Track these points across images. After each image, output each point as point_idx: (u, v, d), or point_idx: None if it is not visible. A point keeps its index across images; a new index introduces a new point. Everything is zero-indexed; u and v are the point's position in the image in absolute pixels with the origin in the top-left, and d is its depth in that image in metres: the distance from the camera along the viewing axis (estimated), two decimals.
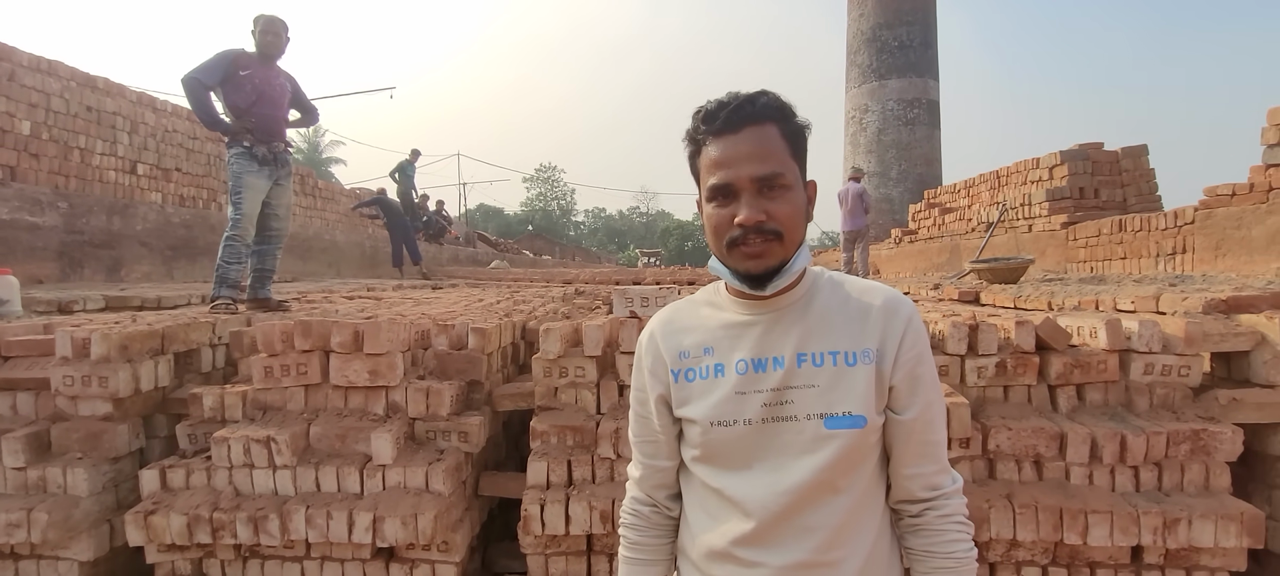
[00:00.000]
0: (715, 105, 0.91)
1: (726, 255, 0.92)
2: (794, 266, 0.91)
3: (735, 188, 0.89)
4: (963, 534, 0.96)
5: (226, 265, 3.61)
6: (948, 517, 0.96)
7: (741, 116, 0.89)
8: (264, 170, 3.76)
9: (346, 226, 11.99)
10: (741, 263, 0.90)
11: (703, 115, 0.92)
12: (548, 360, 2.50)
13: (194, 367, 2.89)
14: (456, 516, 2.32)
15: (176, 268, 7.01)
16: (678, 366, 0.99)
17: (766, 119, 0.90)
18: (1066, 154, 7.96)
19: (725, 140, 0.90)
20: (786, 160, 0.90)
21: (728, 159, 0.89)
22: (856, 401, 0.91)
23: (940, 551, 0.95)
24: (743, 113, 0.89)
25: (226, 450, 2.27)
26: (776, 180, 0.88)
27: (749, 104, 0.90)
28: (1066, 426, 2.23)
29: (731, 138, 0.89)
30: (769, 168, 0.88)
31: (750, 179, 0.88)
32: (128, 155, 7.16)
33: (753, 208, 0.87)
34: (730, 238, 0.90)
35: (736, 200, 0.89)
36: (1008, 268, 5.14)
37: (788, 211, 0.89)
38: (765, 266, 0.89)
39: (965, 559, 0.95)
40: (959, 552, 0.95)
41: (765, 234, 0.88)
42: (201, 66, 3.64)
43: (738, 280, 0.93)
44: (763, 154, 0.88)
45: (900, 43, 17.94)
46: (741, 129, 0.89)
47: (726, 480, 0.95)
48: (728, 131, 0.90)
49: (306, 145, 36.14)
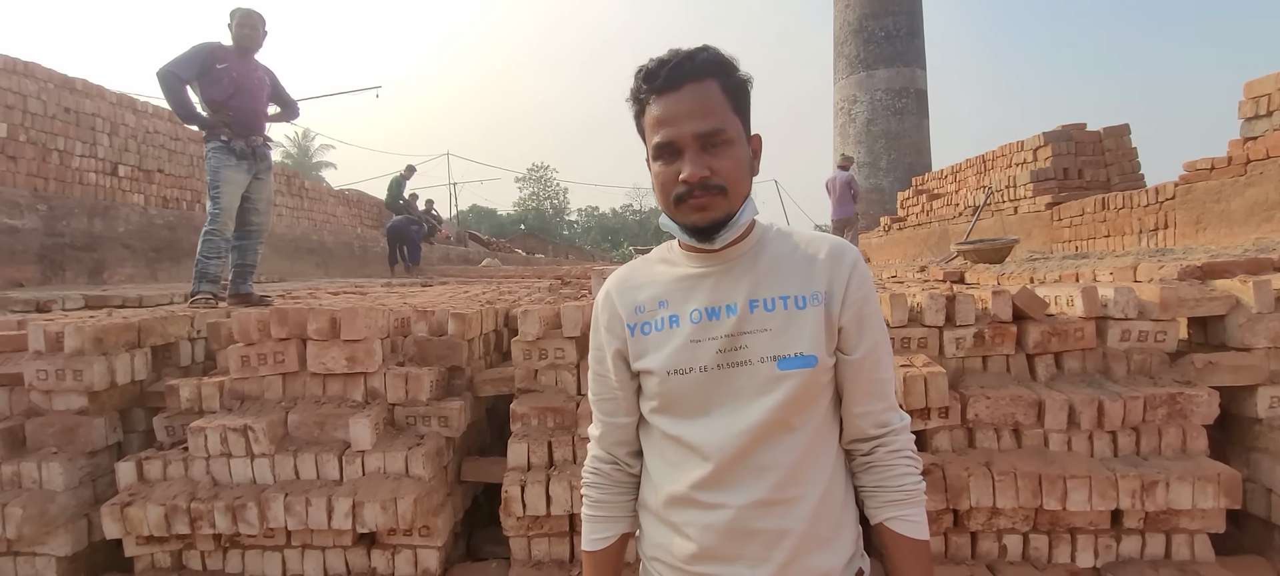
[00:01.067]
0: (655, 63, 0.92)
1: (674, 210, 0.94)
2: (741, 219, 0.94)
3: (678, 144, 0.90)
4: (911, 467, 0.99)
5: (206, 260, 3.59)
6: (897, 453, 0.99)
7: (681, 73, 0.90)
8: (242, 164, 3.73)
9: (335, 227, 11.92)
10: (688, 216, 0.92)
11: (644, 74, 0.93)
12: (527, 342, 2.49)
13: (172, 362, 2.87)
14: (438, 501, 2.31)
15: (160, 269, 6.95)
16: (634, 321, 1.01)
17: (706, 75, 0.91)
18: (1050, 135, 8.00)
19: (667, 98, 0.91)
20: (727, 115, 0.91)
21: (670, 116, 0.90)
22: (807, 342, 0.93)
23: (891, 484, 0.99)
24: (682, 70, 0.90)
25: (203, 440, 2.25)
26: (718, 136, 0.90)
27: (688, 60, 0.91)
28: (1044, 394, 2.24)
29: (673, 95, 0.91)
30: (710, 123, 0.90)
31: (692, 136, 0.89)
32: (108, 157, 7.10)
33: (696, 164, 0.89)
34: (676, 194, 0.92)
35: (680, 157, 0.91)
36: (993, 248, 5.17)
37: (730, 166, 0.91)
38: (711, 219, 0.91)
39: (914, 491, 0.98)
40: (908, 485, 0.98)
41: (710, 189, 0.90)
42: (176, 60, 3.61)
43: (686, 234, 0.95)
44: (703, 110, 0.90)
45: (887, 33, 17.98)
46: (682, 86, 0.90)
47: (684, 427, 0.96)
48: (669, 89, 0.91)
49: (296, 150, 35.94)
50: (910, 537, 0.97)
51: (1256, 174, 4.88)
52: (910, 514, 0.98)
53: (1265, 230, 4.63)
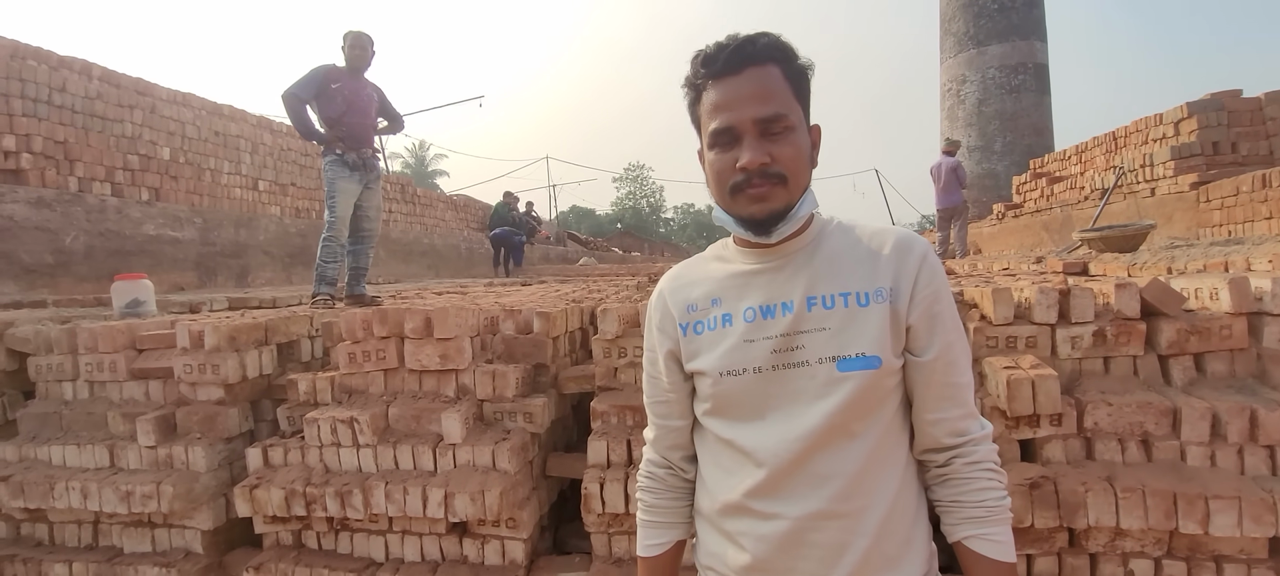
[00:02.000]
0: (714, 48, 0.88)
1: (730, 202, 0.89)
2: (799, 211, 0.88)
3: (737, 130, 0.86)
4: (994, 481, 0.90)
5: (324, 264, 3.93)
6: (976, 464, 0.90)
7: (742, 57, 0.86)
8: (355, 175, 4.05)
9: (444, 231, 12.70)
10: (745, 207, 0.88)
11: (702, 58, 0.89)
12: (606, 341, 2.52)
13: (295, 357, 3.16)
14: (523, 494, 2.40)
15: (294, 273, 7.71)
16: (686, 320, 0.98)
17: (768, 59, 0.87)
18: (1195, 105, 7.01)
19: (726, 83, 0.87)
20: (790, 101, 0.87)
21: (729, 101, 0.86)
22: (870, 342, 0.86)
23: (970, 500, 0.90)
24: (743, 53, 0.86)
25: (317, 430, 2.46)
26: (779, 122, 0.85)
27: (749, 44, 0.87)
28: (1181, 401, 1.97)
29: (732, 79, 0.87)
30: (772, 109, 0.85)
31: (753, 121, 0.85)
32: (250, 173, 7.97)
33: (755, 150, 0.85)
34: (733, 183, 0.87)
35: (739, 144, 0.86)
36: (1124, 235, 4.61)
37: (791, 154, 0.86)
38: (769, 210, 0.87)
39: (997, 507, 0.89)
40: (990, 500, 0.89)
41: (769, 177, 0.85)
42: (298, 83, 3.97)
43: (742, 227, 0.90)
44: (765, 94, 0.85)
45: (1000, 5, 16.57)
46: (743, 70, 0.86)
47: (738, 431, 0.92)
48: (728, 73, 0.87)
49: (414, 160, 38.60)
50: (993, 559, 0.88)
51: None
52: (993, 532, 0.89)
53: None
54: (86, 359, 2.82)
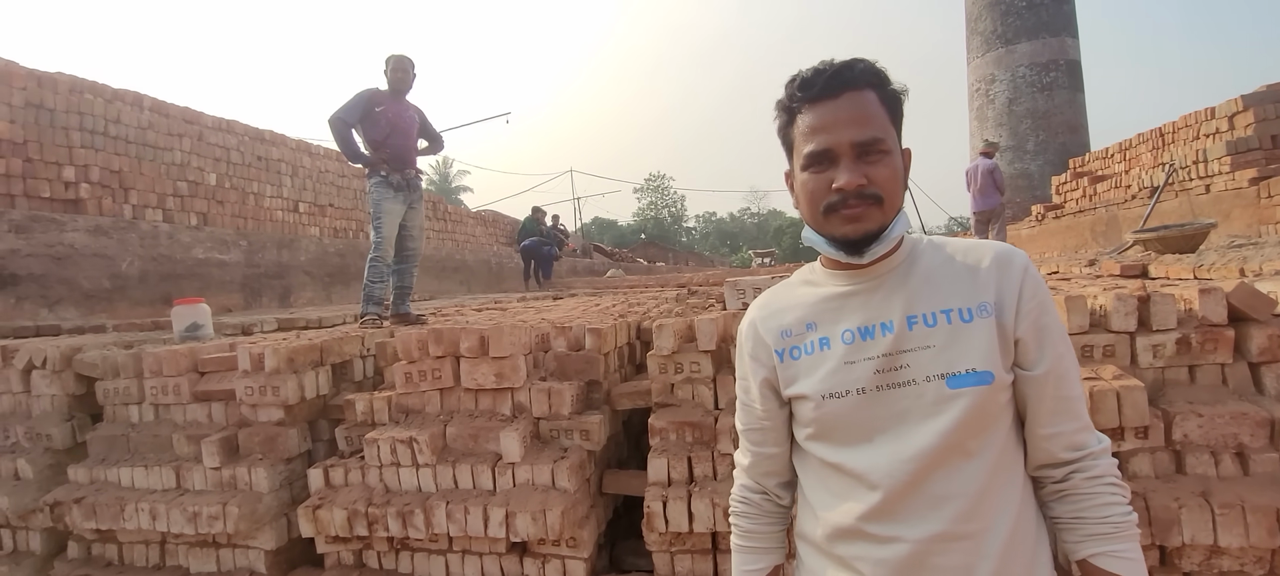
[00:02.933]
0: (811, 72, 0.91)
1: (823, 222, 0.91)
2: (893, 232, 0.89)
3: (835, 152, 0.88)
4: (1117, 495, 0.88)
5: (371, 284, 3.98)
6: (1098, 479, 0.88)
7: (840, 82, 0.88)
8: (399, 195, 4.11)
9: (474, 246, 12.85)
10: (840, 227, 0.89)
11: (799, 82, 0.91)
12: (662, 356, 2.50)
13: (348, 377, 3.20)
14: (582, 513, 2.38)
15: (334, 291, 7.86)
16: (781, 346, 0.98)
17: (864, 84, 0.89)
18: (1250, 98, 6.76)
19: (823, 106, 0.89)
20: (886, 125, 0.89)
21: (826, 124, 0.88)
22: (979, 357, 0.86)
23: (1094, 515, 0.87)
24: (841, 78, 0.88)
25: (376, 450, 2.48)
26: (877, 145, 0.87)
27: (847, 69, 0.89)
28: (1278, 411, 1.87)
29: (830, 103, 0.89)
30: (869, 132, 0.87)
31: (851, 143, 0.87)
32: (291, 196, 8.15)
33: (852, 171, 0.87)
34: (828, 203, 0.89)
35: (835, 166, 0.88)
36: (1183, 235, 4.45)
37: (887, 176, 0.87)
38: (864, 230, 0.88)
39: (1124, 522, 0.87)
40: (1116, 515, 0.87)
41: (865, 198, 0.87)
42: (344, 107, 4.05)
43: (834, 248, 0.91)
44: (862, 118, 0.87)
45: (1029, 2, 16.27)
46: (840, 94, 0.88)
47: (846, 454, 0.91)
48: (826, 97, 0.89)
49: (438, 176, 39.25)
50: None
51: None
52: (1121, 549, 0.86)
53: None
54: (151, 382, 2.89)
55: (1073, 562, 0.90)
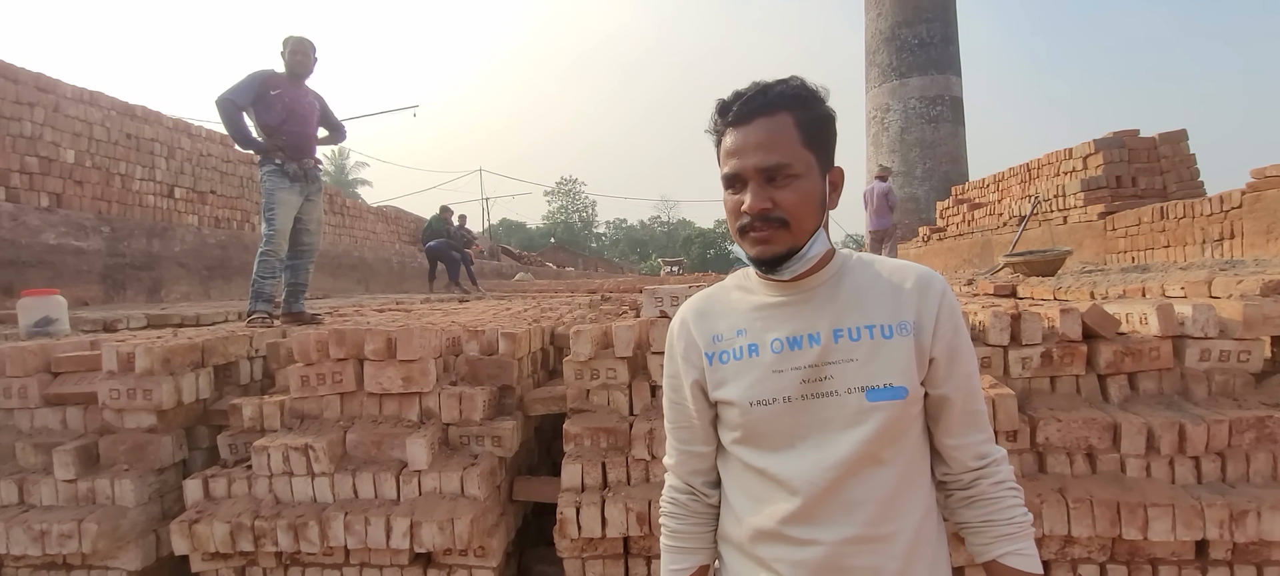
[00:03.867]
0: (731, 97, 0.95)
1: (739, 240, 0.96)
2: (808, 253, 0.94)
3: (743, 177, 0.92)
4: (1018, 498, 0.97)
5: (261, 280, 3.69)
6: (1001, 484, 0.97)
7: (752, 108, 0.92)
8: (295, 186, 3.84)
9: (374, 244, 12.20)
10: (751, 248, 0.95)
11: (719, 107, 0.96)
12: (579, 362, 2.48)
13: (232, 380, 2.94)
14: (492, 521, 2.32)
15: (213, 287, 7.19)
16: (712, 349, 1.01)
17: (780, 108, 0.92)
18: (1101, 142, 7.74)
19: (737, 131, 0.93)
20: (797, 149, 0.92)
21: (737, 149, 0.93)
22: (897, 373, 0.92)
23: (1001, 518, 0.96)
24: (753, 105, 0.92)
25: (266, 458, 2.30)
26: (783, 170, 0.91)
27: (761, 95, 0.93)
28: (1120, 416, 2.14)
29: (743, 129, 0.93)
30: (774, 158, 0.91)
31: (755, 169, 0.91)
32: (165, 180, 7.39)
33: (757, 196, 0.91)
34: (740, 225, 0.94)
35: (745, 189, 0.93)
36: (1044, 260, 5.00)
37: (794, 200, 0.91)
38: (772, 252, 0.93)
39: (1024, 523, 0.97)
40: (1018, 516, 0.96)
41: (770, 221, 0.91)
42: (234, 87, 3.73)
43: (752, 262, 0.97)
44: (770, 144, 0.91)
45: (920, 40, 17.73)
46: (752, 120, 0.92)
47: (769, 460, 0.96)
48: (739, 123, 0.93)
49: (333, 167, 36.99)
50: (1028, 572, 0.95)
51: None
52: (1024, 547, 0.96)
53: None
54: None
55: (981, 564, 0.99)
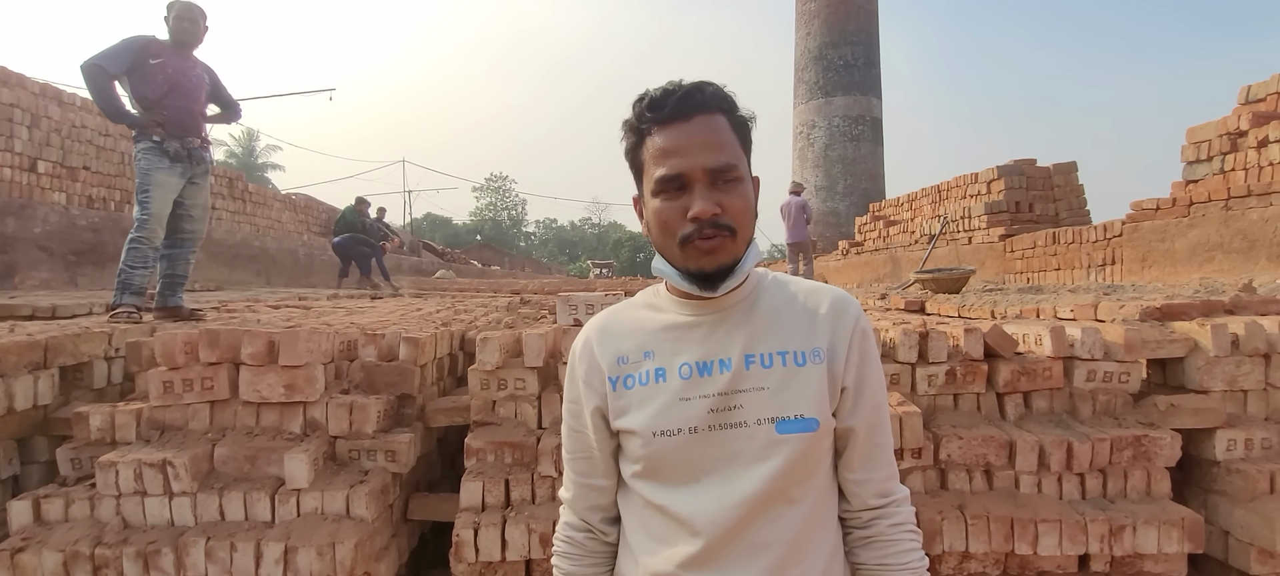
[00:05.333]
0: (661, 92, 0.85)
1: (677, 253, 0.85)
2: (746, 264, 0.86)
3: (687, 178, 0.82)
4: (915, 542, 0.93)
5: (130, 270, 3.29)
6: (899, 526, 0.92)
7: (692, 104, 0.83)
8: (176, 167, 3.46)
9: (279, 233, 11.39)
10: (695, 260, 0.84)
11: (648, 102, 0.85)
12: (485, 371, 2.33)
13: (85, 384, 2.59)
14: (381, 544, 2.12)
15: (82, 274, 6.44)
16: (616, 373, 0.91)
17: (716, 108, 0.85)
18: (1003, 169, 8.29)
19: (675, 129, 0.83)
20: (736, 151, 0.85)
21: (679, 148, 0.82)
22: (808, 403, 0.85)
23: (896, 562, 0.91)
24: (693, 100, 0.83)
25: (114, 476, 2.01)
26: (730, 171, 0.83)
27: (698, 91, 0.84)
28: (1015, 434, 2.21)
29: (682, 126, 0.83)
30: (723, 158, 0.82)
31: (704, 170, 0.82)
32: (26, 152, 6.55)
33: (707, 199, 0.81)
34: (684, 233, 0.83)
35: (688, 192, 0.82)
36: (951, 278, 5.25)
37: (740, 205, 0.84)
38: (719, 263, 0.83)
39: (919, 568, 0.92)
40: (914, 561, 0.91)
41: (720, 228, 0.82)
42: (104, 53, 3.32)
43: (687, 281, 0.86)
44: (715, 143, 0.83)
45: (845, 62, 18.51)
46: (692, 117, 0.83)
47: (670, 496, 0.87)
48: (677, 119, 0.83)
49: (241, 149, 34.56)
50: None
51: (1199, 216, 5.13)
52: None
53: (1207, 269, 4.86)
54: None
55: None
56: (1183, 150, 5.50)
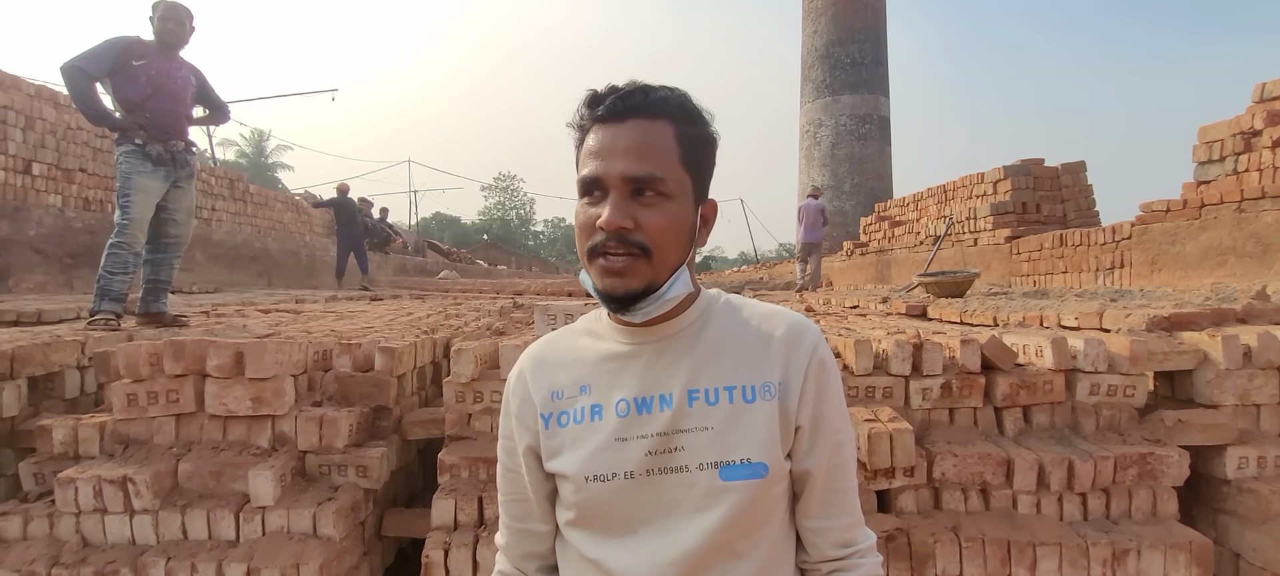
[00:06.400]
0: (607, 89, 0.76)
1: (588, 265, 0.76)
2: (667, 293, 0.76)
3: (604, 183, 0.74)
4: None
5: (109, 275, 3.23)
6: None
7: (628, 105, 0.74)
8: (159, 171, 3.40)
9: (280, 234, 11.38)
10: (600, 278, 0.75)
11: (589, 98, 0.77)
12: (460, 383, 2.25)
13: (56, 393, 2.54)
14: (350, 564, 2.05)
15: (77, 277, 6.43)
16: (549, 409, 0.82)
17: (660, 114, 0.75)
18: (1009, 169, 8.13)
19: (607, 129, 0.75)
20: (672, 164, 0.75)
21: (602, 149, 0.74)
22: (755, 445, 0.76)
23: None
24: (630, 101, 0.74)
25: (73, 492, 1.94)
26: (653, 184, 0.73)
27: (642, 93, 0.75)
28: (1013, 451, 2.11)
29: (613, 127, 0.74)
30: (646, 168, 0.73)
31: (621, 176, 0.73)
32: (21, 154, 6.52)
33: (619, 211, 0.72)
34: (591, 244, 0.75)
35: (605, 200, 0.74)
36: (954, 281, 5.13)
37: (661, 224, 0.74)
38: (627, 287, 0.74)
39: None
40: None
41: (629, 246, 0.73)
42: (85, 54, 3.26)
43: (600, 299, 0.78)
44: (644, 150, 0.73)
45: (852, 60, 18.32)
46: (626, 119, 0.74)
47: (605, 549, 0.78)
48: (611, 119, 0.75)
49: (252, 149, 34.75)
50: None
51: (1211, 218, 4.99)
52: None
53: (1219, 274, 4.71)
54: None
55: None
56: (1194, 150, 5.35)
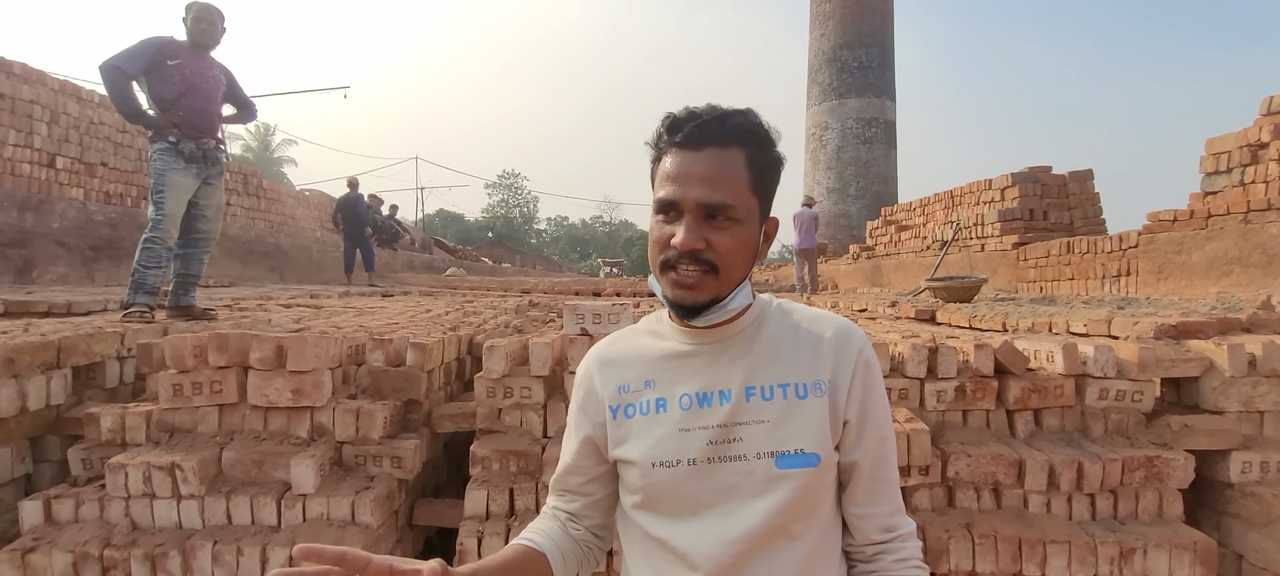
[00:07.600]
0: (685, 115, 0.85)
1: (660, 276, 0.86)
2: (729, 304, 0.85)
3: (680, 207, 0.82)
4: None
5: (144, 269, 3.33)
6: (904, 562, 0.90)
7: (705, 134, 0.83)
8: (191, 168, 3.49)
9: (292, 230, 11.49)
10: (671, 289, 0.85)
11: (669, 122, 0.86)
12: (491, 380, 2.33)
13: (97, 383, 2.62)
14: (386, 550, 2.13)
15: (98, 269, 6.53)
16: (617, 402, 0.92)
17: (734, 142, 0.83)
18: (1017, 176, 8.19)
19: (683, 155, 0.83)
20: (742, 191, 0.83)
21: (680, 175, 0.83)
22: (809, 437, 0.84)
23: None
24: (708, 131, 0.83)
25: (123, 478, 2.03)
26: (725, 211, 0.82)
27: (717, 122, 0.83)
28: (1025, 453, 2.18)
29: (690, 154, 0.83)
30: (719, 196, 0.81)
31: (697, 203, 0.81)
32: (45, 148, 6.64)
33: (692, 233, 0.81)
34: (664, 258, 0.84)
35: (679, 220, 0.83)
36: (962, 287, 5.19)
37: (730, 246, 0.83)
38: (695, 300, 0.83)
39: None
40: None
41: (700, 263, 0.82)
42: (123, 53, 3.36)
43: (668, 305, 0.87)
44: (718, 179, 0.82)
45: (859, 63, 18.36)
46: (702, 148, 0.83)
47: (670, 529, 0.87)
48: (688, 146, 0.83)
49: (257, 144, 34.89)
50: None
51: (1217, 228, 5.05)
52: None
53: (1225, 283, 4.78)
54: None
55: None
56: (1201, 161, 5.41)
